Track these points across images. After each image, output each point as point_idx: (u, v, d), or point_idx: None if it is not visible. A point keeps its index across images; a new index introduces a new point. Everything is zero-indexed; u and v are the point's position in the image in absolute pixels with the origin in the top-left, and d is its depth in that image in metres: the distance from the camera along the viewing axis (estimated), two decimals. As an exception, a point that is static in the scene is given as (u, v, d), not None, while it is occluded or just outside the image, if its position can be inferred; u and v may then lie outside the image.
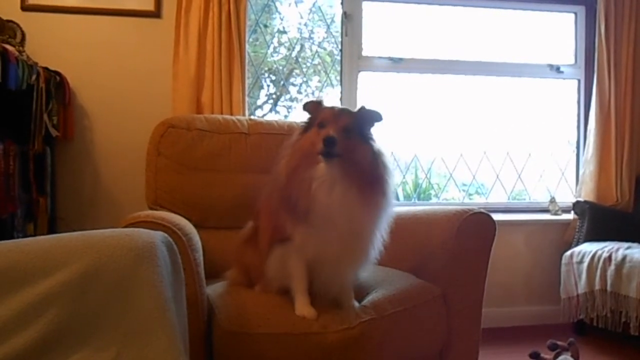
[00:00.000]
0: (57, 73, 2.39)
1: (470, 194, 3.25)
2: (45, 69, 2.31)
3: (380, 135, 1.47)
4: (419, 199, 3.18)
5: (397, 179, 3.11)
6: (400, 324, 1.49)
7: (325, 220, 1.35)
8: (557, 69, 3.16)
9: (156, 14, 2.60)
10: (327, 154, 1.33)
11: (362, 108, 1.46)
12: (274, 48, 3.01)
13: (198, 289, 1.37)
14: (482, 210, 1.70)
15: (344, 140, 1.34)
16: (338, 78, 2.97)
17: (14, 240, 0.96)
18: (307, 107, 1.48)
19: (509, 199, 3.22)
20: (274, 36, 3.00)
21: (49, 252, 0.90)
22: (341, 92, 2.94)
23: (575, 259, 2.68)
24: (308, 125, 1.45)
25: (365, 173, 1.38)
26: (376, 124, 1.46)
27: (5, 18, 2.39)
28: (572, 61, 3.21)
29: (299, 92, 3.06)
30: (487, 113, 3.21)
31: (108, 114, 2.56)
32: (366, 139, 1.42)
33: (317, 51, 3.03)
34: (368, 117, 1.45)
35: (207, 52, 2.48)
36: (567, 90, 3.25)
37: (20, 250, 0.91)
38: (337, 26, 2.98)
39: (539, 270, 3.00)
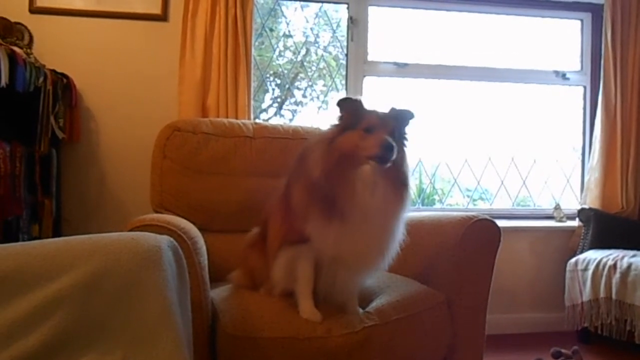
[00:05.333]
0: (64, 75, 2.40)
1: (474, 200, 3.24)
2: (53, 71, 2.32)
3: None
4: (422, 204, 3.18)
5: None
6: (404, 330, 1.49)
7: (363, 220, 1.36)
8: (563, 76, 3.15)
9: (163, 17, 2.61)
10: (383, 159, 1.33)
11: (394, 109, 1.46)
12: (280, 52, 3.02)
13: (202, 292, 1.37)
14: (487, 216, 1.70)
15: None
16: (343, 82, 2.98)
17: (21, 243, 0.97)
18: (345, 105, 1.43)
19: (513, 205, 3.21)
20: (279, 40, 3.00)
21: (56, 255, 0.90)
22: (346, 97, 2.94)
23: (580, 267, 2.67)
24: (344, 125, 1.40)
25: (401, 175, 1.41)
26: (410, 122, 1.47)
27: (13, 20, 2.41)
28: (578, 68, 3.21)
29: (304, 95, 3.07)
30: (492, 119, 3.21)
31: (114, 117, 2.57)
32: (403, 142, 1.45)
33: (322, 55, 3.04)
34: (402, 118, 1.46)
35: (213, 55, 2.49)
36: (573, 97, 3.24)
37: (28, 253, 0.91)
38: (342, 31, 2.99)
39: (544, 277, 2.99)
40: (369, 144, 1.34)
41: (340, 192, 1.35)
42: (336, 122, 1.43)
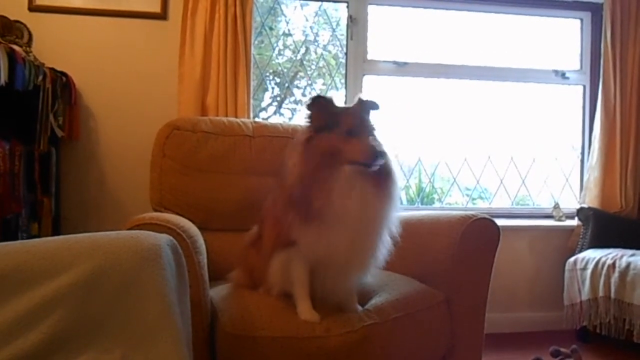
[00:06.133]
0: (64, 74, 2.40)
1: (473, 199, 3.24)
2: (52, 69, 2.32)
3: (384, 140, 1.45)
4: (422, 203, 3.18)
5: (401, 183, 3.11)
6: (403, 328, 1.49)
7: (342, 221, 1.34)
8: (563, 75, 3.16)
9: (162, 15, 2.61)
10: (373, 165, 1.33)
11: (361, 100, 1.45)
12: (279, 50, 3.01)
13: (202, 291, 1.37)
14: (486, 216, 1.70)
15: None
16: (342, 81, 2.98)
17: (20, 241, 0.97)
18: (317, 105, 1.40)
19: (512, 204, 3.21)
20: (279, 39, 3.00)
21: (55, 253, 0.90)
22: (345, 96, 2.94)
23: (578, 266, 2.67)
24: (317, 125, 1.39)
25: (380, 173, 1.38)
26: (373, 112, 1.46)
27: (12, 19, 2.40)
28: (578, 67, 3.21)
29: (303, 94, 3.07)
30: (491, 118, 3.21)
31: (113, 115, 2.57)
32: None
33: (322, 54, 3.04)
34: (369, 108, 1.45)
35: (212, 54, 2.48)
36: (572, 96, 3.24)
37: (27, 251, 0.91)
38: (342, 29, 2.99)
39: (543, 277, 2.99)
40: (356, 149, 1.34)
41: (317, 195, 1.33)
42: (308, 122, 1.41)
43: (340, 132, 1.36)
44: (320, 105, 1.40)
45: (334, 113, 1.39)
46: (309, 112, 1.41)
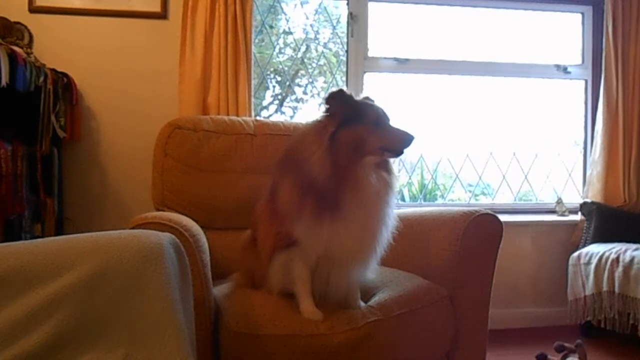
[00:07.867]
0: (65, 74, 2.40)
1: (476, 195, 3.24)
2: (53, 70, 2.32)
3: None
4: (424, 200, 3.18)
5: (403, 180, 3.11)
6: (407, 325, 1.49)
7: (362, 212, 1.37)
8: (564, 70, 3.14)
9: (163, 15, 2.61)
10: (402, 152, 1.42)
11: (368, 97, 1.52)
12: (280, 49, 3.01)
13: (205, 290, 1.37)
14: (489, 211, 1.69)
15: None
16: (344, 79, 2.97)
17: (23, 242, 0.97)
18: (337, 98, 1.39)
19: (515, 199, 3.21)
20: (279, 37, 3.00)
21: (58, 253, 0.91)
22: (347, 93, 2.93)
23: (582, 261, 2.67)
24: (340, 119, 1.37)
25: (385, 165, 1.45)
26: None
27: (13, 20, 2.41)
28: (580, 61, 3.20)
29: (304, 92, 3.06)
30: (493, 113, 3.20)
31: (115, 115, 2.57)
32: None
33: (322, 52, 3.03)
34: None
35: (213, 53, 2.48)
36: (574, 91, 3.23)
37: (30, 251, 0.91)
38: (342, 27, 2.98)
39: (546, 272, 2.99)
40: (390, 137, 1.40)
41: (346, 187, 1.35)
42: (328, 116, 1.40)
43: (368, 122, 1.39)
44: (341, 98, 1.40)
45: (355, 106, 1.41)
46: (328, 106, 1.40)
